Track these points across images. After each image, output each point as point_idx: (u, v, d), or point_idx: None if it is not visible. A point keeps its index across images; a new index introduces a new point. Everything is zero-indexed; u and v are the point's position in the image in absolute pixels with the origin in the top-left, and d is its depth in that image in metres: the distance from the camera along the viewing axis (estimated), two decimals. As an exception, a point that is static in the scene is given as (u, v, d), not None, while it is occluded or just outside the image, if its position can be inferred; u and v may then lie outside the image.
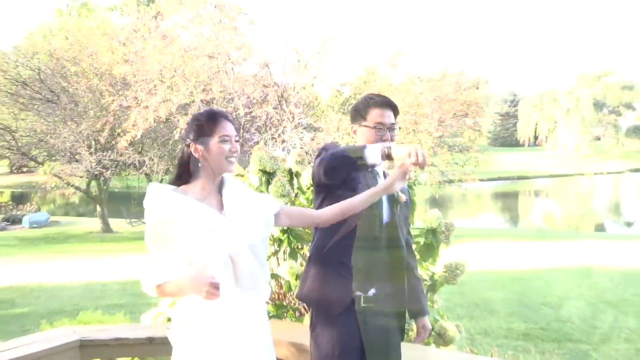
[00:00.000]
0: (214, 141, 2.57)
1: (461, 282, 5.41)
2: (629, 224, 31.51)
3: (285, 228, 4.80)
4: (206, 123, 2.59)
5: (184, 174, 2.60)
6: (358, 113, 3.28)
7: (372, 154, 2.66)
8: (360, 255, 3.06)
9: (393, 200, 3.21)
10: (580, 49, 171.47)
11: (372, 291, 3.04)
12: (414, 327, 4.97)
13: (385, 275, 3.15)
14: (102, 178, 23.22)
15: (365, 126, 3.21)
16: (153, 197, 2.52)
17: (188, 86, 17.10)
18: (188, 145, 2.59)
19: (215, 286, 2.31)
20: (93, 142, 21.82)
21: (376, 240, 3.12)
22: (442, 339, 5.00)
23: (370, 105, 3.24)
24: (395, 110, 3.27)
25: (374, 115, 3.20)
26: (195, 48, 17.78)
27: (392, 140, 3.19)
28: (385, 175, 3.31)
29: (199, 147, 2.56)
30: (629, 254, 15.77)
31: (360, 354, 3.08)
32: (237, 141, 2.64)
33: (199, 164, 2.57)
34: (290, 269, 4.68)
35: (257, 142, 16.85)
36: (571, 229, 29.90)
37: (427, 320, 3.47)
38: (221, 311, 2.48)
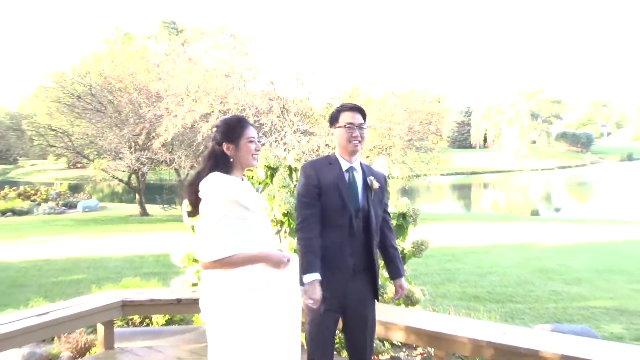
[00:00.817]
0: (243, 142, 2.61)
1: (425, 256, 5.43)
2: (557, 210, 31.62)
3: (285, 212, 4.81)
4: (237, 127, 2.63)
5: (215, 167, 2.57)
6: (333, 118, 3.26)
7: (305, 280, 2.83)
8: (341, 232, 3.04)
9: (367, 187, 3.19)
10: (519, 72, 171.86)
11: (351, 262, 3.02)
12: (389, 289, 5.00)
13: (361, 248, 3.13)
14: (140, 172, 23.19)
15: (338, 127, 3.21)
16: (222, 182, 2.49)
17: (209, 99, 17.02)
18: (220, 144, 2.60)
19: (289, 260, 2.55)
20: (133, 144, 21.78)
21: (353, 219, 3.10)
22: (410, 300, 5.02)
23: (341, 111, 3.23)
24: (362, 113, 3.24)
25: (345, 117, 3.18)
26: (214, 69, 17.69)
27: (362, 137, 3.19)
28: (363, 167, 3.27)
29: (231, 146, 2.59)
30: (557, 233, 15.83)
31: (342, 312, 3.08)
32: (258, 141, 2.69)
33: (231, 160, 2.59)
34: (290, 244, 4.70)
35: (264, 144, 16.82)
36: (512, 213, 29.99)
37: (403, 281, 3.37)
38: (283, 275, 2.58)
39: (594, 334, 5.40)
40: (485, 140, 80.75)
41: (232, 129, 2.62)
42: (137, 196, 24.78)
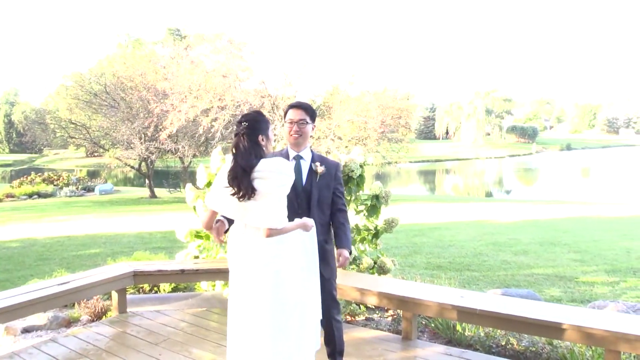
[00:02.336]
0: (270, 133, 2.72)
1: (396, 231, 5.46)
2: (507, 192, 31.94)
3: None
4: (265, 121, 2.72)
5: (257, 156, 2.60)
6: (283, 116, 3.32)
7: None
8: (289, 208, 3.02)
9: (312, 171, 3.21)
10: (477, 73, 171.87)
11: None
12: (364, 260, 5.00)
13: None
14: (149, 160, 22.99)
15: (284, 123, 3.26)
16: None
17: (208, 97, 16.85)
18: (256, 136, 2.63)
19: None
20: (143, 135, 21.53)
21: (296, 198, 3.12)
22: (382, 269, 5.04)
23: (287, 110, 3.26)
24: (306, 109, 3.21)
25: (288, 115, 3.21)
26: (213, 70, 17.49)
27: (301, 131, 3.18)
28: (314, 156, 3.28)
29: (264, 137, 2.66)
30: (507, 212, 16.00)
31: None
32: None
33: (264, 149, 2.65)
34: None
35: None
36: (470, 195, 30.26)
37: (344, 252, 3.26)
38: (309, 235, 2.80)
39: (537, 296, 5.48)
40: (447, 133, 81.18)
41: (262, 123, 2.68)
42: (147, 181, 24.55)
